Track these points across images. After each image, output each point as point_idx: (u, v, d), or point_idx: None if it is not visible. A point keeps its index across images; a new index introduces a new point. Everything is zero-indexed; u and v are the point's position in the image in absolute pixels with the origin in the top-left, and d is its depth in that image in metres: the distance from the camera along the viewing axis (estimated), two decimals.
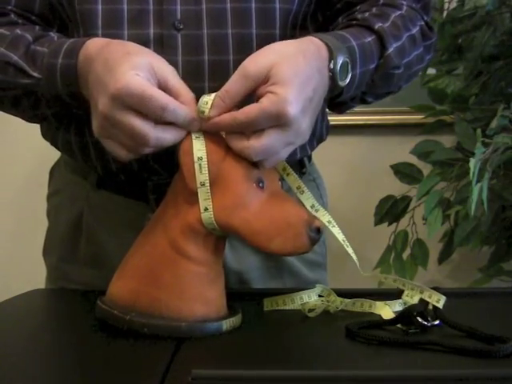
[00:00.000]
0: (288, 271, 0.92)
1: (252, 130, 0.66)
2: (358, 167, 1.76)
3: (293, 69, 0.67)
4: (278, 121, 0.66)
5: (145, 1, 0.78)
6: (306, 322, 0.74)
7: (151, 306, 0.69)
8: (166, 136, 0.67)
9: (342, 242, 0.75)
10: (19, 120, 0.86)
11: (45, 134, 0.92)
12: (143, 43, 0.74)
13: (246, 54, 0.70)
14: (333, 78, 0.73)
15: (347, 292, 0.80)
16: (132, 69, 0.65)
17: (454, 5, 1.49)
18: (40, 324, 0.77)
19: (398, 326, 0.70)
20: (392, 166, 1.57)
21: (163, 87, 0.67)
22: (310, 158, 0.96)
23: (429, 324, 0.69)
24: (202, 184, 0.67)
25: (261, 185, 0.69)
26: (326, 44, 0.72)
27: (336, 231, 0.74)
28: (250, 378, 0.55)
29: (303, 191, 0.75)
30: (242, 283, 0.90)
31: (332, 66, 0.72)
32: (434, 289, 0.78)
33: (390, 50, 0.79)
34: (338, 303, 0.77)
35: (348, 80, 0.75)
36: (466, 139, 1.40)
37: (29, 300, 0.87)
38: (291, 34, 0.83)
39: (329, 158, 1.76)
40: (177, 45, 0.78)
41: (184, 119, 0.66)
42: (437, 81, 1.51)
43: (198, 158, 0.67)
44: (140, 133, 0.65)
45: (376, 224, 1.55)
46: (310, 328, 0.73)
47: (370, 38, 0.79)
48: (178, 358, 0.62)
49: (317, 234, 0.68)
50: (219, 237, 0.71)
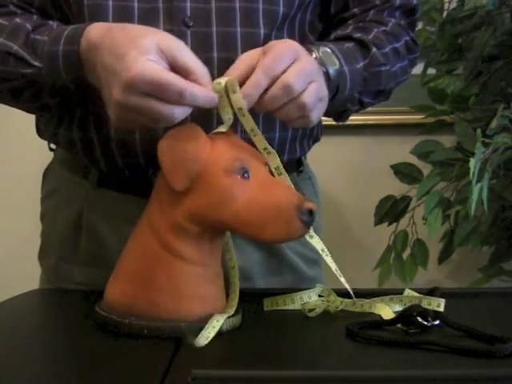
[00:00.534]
0: (288, 267, 0.93)
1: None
2: (358, 167, 1.76)
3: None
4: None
5: None
6: (305, 322, 0.74)
7: (149, 309, 0.69)
8: (187, 110, 0.67)
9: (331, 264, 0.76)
10: (19, 120, 0.86)
11: (43, 132, 0.92)
12: None
13: None
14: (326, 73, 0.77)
15: (347, 292, 0.80)
16: (142, 54, 0.65)
17: (454, 5, 1.49)
18: (40, 324, 0.77)
19: (398, 325, 0.70)
20: (392, 166, 1.57)
21: (173, 66, 0.67)
22: (305, 157, 0.98)
23: (429, 324, 0.69)
24: (252, 130, 0.69)
25: (246, 175, 0.68)
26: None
27: (329, 260, 0.76)
28: (250, 378, 0.55)
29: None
30: (245, 280, 0.89)
31: (317, 54, 0.77)
32: (434, 289, 0.78)
33: (374, 50, 0.85)
34: (338, 303, 0.77)
35: (337, 67, 0.79)
36: (466, 139, 1.40)
37: (29, 300, 0.87)
38: (291, 38, 0.84)
39: (329, 158, 1.76)
40: (186, 41, 0.78)
41: (203, 102, 0.67)
42: (437, 81, 1.51)
43: (238, 108, 0.68)
44: (160, 114, 0.66)
45: (376, 224, 1.55)
46: (309, 328, 0.73)
47: (349, 44, 0.84)
48: (177, 358, 0.62)
49: (309, 216, 0.67)
50: (214, 236, 0.71)
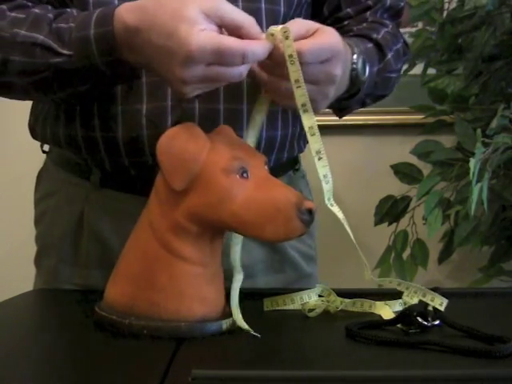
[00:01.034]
0: (289, 264, 0.94)
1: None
2: (358, 167, 1.76)
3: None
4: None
5: None
6: (306, 322, 0.74)
7: (149, 309, 0.69)
8: (249, 66, 0.68)
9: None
10: (15, 122, 0.85)
11: (38, 133, 0.91)
12: None
13: None
14: (355, 74, 0.79)
15: (347, 292, 0.80)
16: (192, 26, 0.64)
17: (454, 5, 1.49)
18: (40, 324, 0.77)
19: (398, 326, 0.70)
20: (392, 166, 1.57)
21: (222, 25, 0.66)
22: (299, 156, 1.00)
23: (429, 324, 0.69)
24: (296, 81, 0.68)
25: (244, 175, 0.68)
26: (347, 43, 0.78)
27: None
28: (250, 378, 0.55)
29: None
30: (248, 277, 0.90)
31: (355, 60, 0.78)
32: (435, 289, 0.78)
33: (389, 56, 0.89)
34: (338, 303, 0.77)
35: (367, 76, 0.81)
36: (466, 139, 1.40)
37: (28, 300, 0.87)
38: None
39: (329, 158, 1.76)
40: None
41: (263, 55, 0.67)
42: (437, 81, 1.51)
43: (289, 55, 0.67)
44: (227, 78, 0.67)
45: (376, 224, 1.55)
46: (310, 328, 0.73)
47: (370, 45, 0.87)
48: (177, 358, 0.62)
49: (308, 215, 0.67)
50: (214, 236, 0.71)
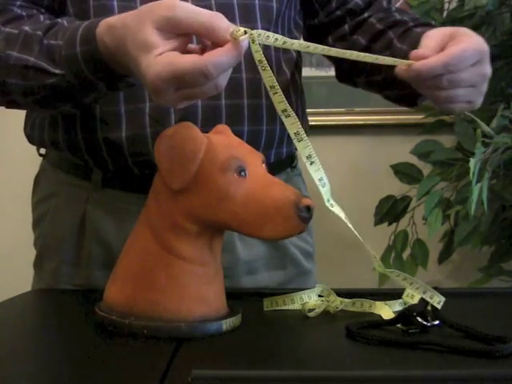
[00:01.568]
0: (290, 261, 0.95)
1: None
2: (358, 167, 1.76)
3: None
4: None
5: None
6: (306, 322, 0.74)
7: (149, 309, 0.69)
8: (224, 75, 0.65)
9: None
10: (15, 124, 0.85)
11: (36, 138, 0.90)
12: None
13: None
14: None
15: (347, 292, 0.80)
16: (150, 51, 0.62)
17: (454, 5, 1.49)
18: (40, 324, 0.77)
19: (398, 326, 0.70)
20: (392, 166, 1.57)
21: (182, 34, 0.64)
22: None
23: (429, 324, 0.69)
24: (272, 87, 0.66)
25: (242, 174, 0.68)
26: None
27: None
28: (250, 378, 0.55)
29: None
30: (250, 273, 0.91)
31: None
32: (434, 289, 0.78)
33: None
34: (338, 303, 0.77)
35: None
36: (466, 139, 1.40)
37: (29, 300, 0.87)
38: (282, 34, 0.86)
39: (329, 157, 1.76)
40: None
41: (230, 62, 0.64)
42: None
43: (259, 60, 0.66)
44: (201, 95, 0.65)
45: (376, 224, 1.55)
46: (310, 328, 0.73)
47: None
48: (177, 358, 0.62)
49: (307, 212, 0.67)
50: (213, 235, 0.71)
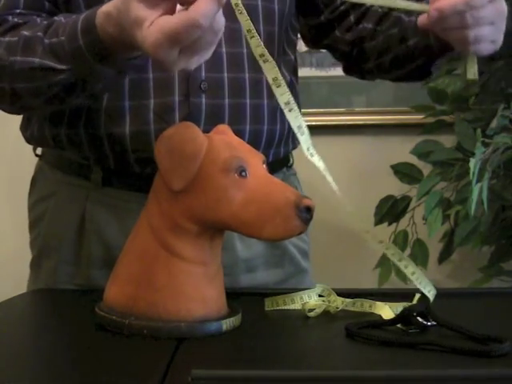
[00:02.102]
0: (288, 259, 0.95)
1: None
2: (358, 167, 1.76)
3: None
4: None
5: None
6: (306, 322, 0.74)
7: (149, 309, 0.69)
8: (220, 20, 0.63)
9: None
10: (14, 122, 0.85)
11: (35, 137, 0.90)
12: None
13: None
14: None
15: (347, 292, 0.80)
16: (141, 25, 0.63)
17: None
18: (40, 324, 0.77)
19: (398, 326, 0.70)
20: (392, 166, 1.57)
21: None
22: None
23: (429, 324, 0.69)
24: (249, 31, 0.66)
25: (243, 174, 0.68)
26: None
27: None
28: (250, 378, 0.55)
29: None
30: (249, 271, 0.91)
31: None
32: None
33: None
34: (338, 303, 0.77)
35: None
36: (466, 139, 1.40)
37: (28, 300, 0.87)
38: (281, 34, 0.91)
39: (329, 157, 1.76)
40: None
41: (216, 9, 0.61)
42: (437, 81, 1.51)
43: (235, 4, 0.65)
44: (206, 43, 0.63)
45: (376, 224, 1.55)
46: (310, 328, 0.73)
47: None
48: (177, 358, 0.62)
49: (307, 213, 0.67)
50: (214, 235, 0.71)
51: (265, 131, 0.89)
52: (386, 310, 0.75)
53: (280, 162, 0.95)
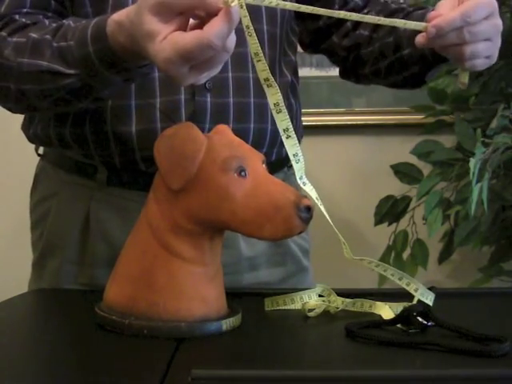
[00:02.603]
0: (291, 258, 0.96)
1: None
2: (358, 167, 1.76)
3: None
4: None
5: None
6: (306, 322, 0.74)
7: (149, 309, 0.69)
8: (230, 42, 0.64)
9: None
10: (16, 122, 0.85)
11: (38, 136, 0.90)
12: None
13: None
14: None
15: (347, 292, 0.80)
16: (153, 39, 0.63)
17: None
18: (40, 324, 0.77)
19: (398, 326, 0.70)
20: (392, 166, 1.57)
21: (178, 13, 0.63)
22: None
23: (429, 324, 0.69)
24: (256, 54, 0.66)
25: (242, 173, 0.68)
26: None
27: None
28: (250, 378, 0.55)
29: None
30: (251, 269, 0.92)
31: None
32: (430, 288, 0.78)
33: None
34: (339, 303, 0.77)
35: None
36: (466, 139, 1.40)
37: (29, 300, 0.87)
38: (283, 35, 0.93)
39: (329, 157, 1.76)
40: None
41: (230, 30, 0.63)
42: (437, 81, 1.51)
43: (246, 26, 0.65)
44: (215, 63, 0.64)
45: (376, 224, 1.56)
46: (310, 328, 0.73)
47: None
48: (177, 358, 0.62)
49: (307, 212, 0.67)
50: (214, 235, 0.71)
51: (268, 130, 0.89)
52: (386, 310, 0.75)
53: (282, 161, 0.95)
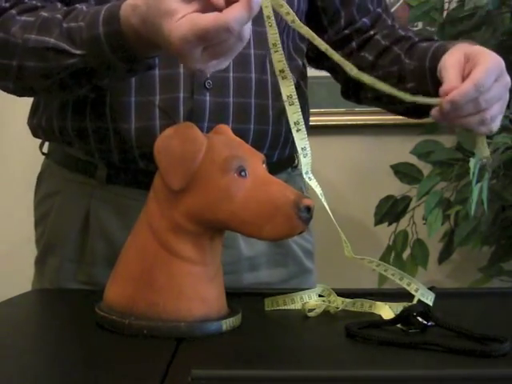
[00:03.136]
0: (292, 259, 0.95)
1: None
2: (358, 167, 1.76)
3: None
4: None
5: None
6: (306, 322, 0.74)
7: (149, 309, 0.69)
8: (246, 29, 0.64)
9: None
10: (18, 121, 0.86)
11: (45, 129, 0.90)
12: None
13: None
14: None
15: (347, 292, 0.80)
16: (171, 17, 0.63)
17: (454, 5, 1.49)
18: (40, 324, 0.77)
19: (398, 326, 0.70)
20: (392, 166, 1.57)
21: None
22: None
23: (429, 324, 0.69)
24: (274, 44, 0.67)
25: (242, 174, 0.68)
26: None
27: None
28: (250, 378, 0.55)
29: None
30: (252, 270, 0.92)
31: None
32: (430, 288, 0.78)
33: None
34: (339, 303, 0.77)
35: None
36: (466, 139, 1.40)
37: (29, 300, 0.87)
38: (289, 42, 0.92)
39: (329, 157, 1.76)
40: None
41: (249, 16, 0.63)
42: None
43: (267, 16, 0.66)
44: (229, 49, 0.64)
45: (376, 224, 1.56)
46: (310, 328, 0.73)
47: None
48: (177, 358, 0.62)
49: (307, 212, 0.67)
50: (214, 235, 0.71)
51: (269, 132, 0.89)
52: (386, 310, 0.75)
53: (284, 162, 0.95)
